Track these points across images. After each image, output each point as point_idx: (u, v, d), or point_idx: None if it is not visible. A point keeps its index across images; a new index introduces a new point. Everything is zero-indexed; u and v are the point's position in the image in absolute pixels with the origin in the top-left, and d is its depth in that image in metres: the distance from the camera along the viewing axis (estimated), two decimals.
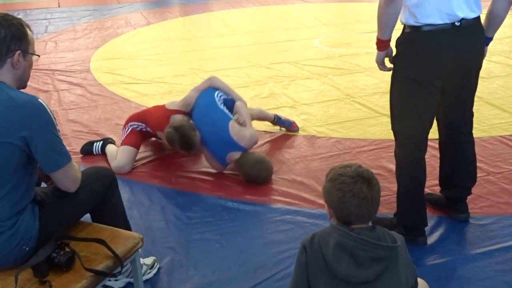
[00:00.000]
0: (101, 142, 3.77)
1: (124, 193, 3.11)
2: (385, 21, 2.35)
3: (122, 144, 3.58)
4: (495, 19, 2.46)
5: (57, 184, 1.97)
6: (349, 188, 1.64)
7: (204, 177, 3.42)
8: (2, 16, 1.88)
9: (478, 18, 2.39)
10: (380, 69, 2.63)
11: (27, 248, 1.85)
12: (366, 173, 1.68)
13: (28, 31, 1.94)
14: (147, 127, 3.62)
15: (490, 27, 2.48)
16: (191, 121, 3.46)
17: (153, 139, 3.83)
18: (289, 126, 4.08)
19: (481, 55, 2.50)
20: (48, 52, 6.61)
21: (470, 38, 2.38)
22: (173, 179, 3.40)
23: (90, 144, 3.79)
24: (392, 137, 2.66)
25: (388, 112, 2.64)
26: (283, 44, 6.74)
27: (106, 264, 1.91)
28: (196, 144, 3.34)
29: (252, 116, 3.75)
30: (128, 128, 3.64)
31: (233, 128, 3.36)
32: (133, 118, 3.70)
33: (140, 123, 3.63)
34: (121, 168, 3.44)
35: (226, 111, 3.51)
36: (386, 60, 2.58)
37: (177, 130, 3.31)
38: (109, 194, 2.23)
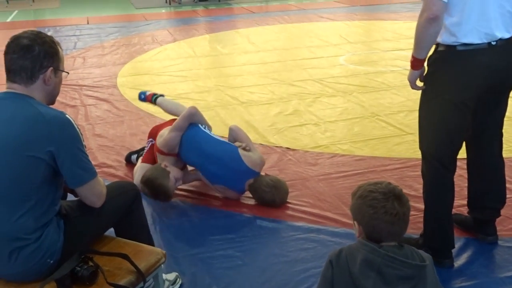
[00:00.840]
0: (138, 153, 3.82)
1: (147, 208, 3.13)
2: (424, 40, 2.31)
3: (141, 161, 3.60)
4: None
5: (82, 199, 1.99)
6: (381, 204, 1.64)
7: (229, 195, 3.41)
8: (36, 34, 1.92)
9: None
10: (412, 88, 2.55)
11: (51, 261, 1.87)
12: (397, 190, 1.68)
13: (59, 49, 1.98)
14: None
15: None
16: (164, 165, 3.25)
17: None
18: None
19: None
20: (76, 67, 6.73)
21: (505, 58, 2.35)
22: (195, 195, 3.41)
23: (130, 153, 3.88)
24: (418, 156, 2.64)
25: (414, 131, 2.61)
26: (307, 61, 6.75)
27: (129, 279, 1.91)
28: (170, 192, 3.16)
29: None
30: (148, 144, 3.65)
31: (244, 156, 3.27)
32: (149, 133, 3.72)
33: (153, 140, 3.62)
34: (138, 185, 3.42)
35: (223, 139, 3.43)
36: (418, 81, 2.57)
37: (145, 184, 3.15)
38: (133, 209, 2.24)
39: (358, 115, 4.74)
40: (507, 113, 2.62)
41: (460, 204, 2.96)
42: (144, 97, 4.09)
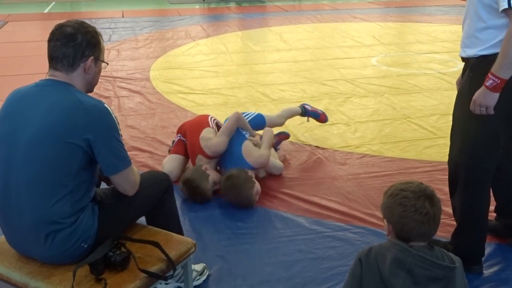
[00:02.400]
0: None
1: (177, 199, 3.18)
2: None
3: (170, 152, 3.66)
4: None
5: (116, 187, 2.03)
6: (411, 203, 1.63)
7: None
8: (79, 23, 1.97)
9: None
10: (476, 110, 2.27)
11: (85, 246, 1.91)
12: (429, 190, 1.67)
13: (101, 40, 2.03)
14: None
15: None
16: (205, 168, 3.32)
17: None
18: (316, 117, 4.14)
19: None
20: (110, 59, 6.84)
21: None
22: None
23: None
24: None
25: (446, 135, 2.56)
26: (340, 61, 6.72)
27: (160, 267, 1.95)
28: (207, 195, 3.22)
29: (283, 117, 3.86)
30: (177, 138, 3.70)
31: (246, 145, 3.38)
32: (178, 129, 3.76)
33: (183, 137, 3.66)
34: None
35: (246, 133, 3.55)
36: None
37: (185, 184, 3.23)
38: (164, 199, 2.28)
39: (389, 117, 4.71)
40: None
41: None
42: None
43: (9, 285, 1.95)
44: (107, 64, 2.13)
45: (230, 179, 3.17)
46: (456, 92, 2.55)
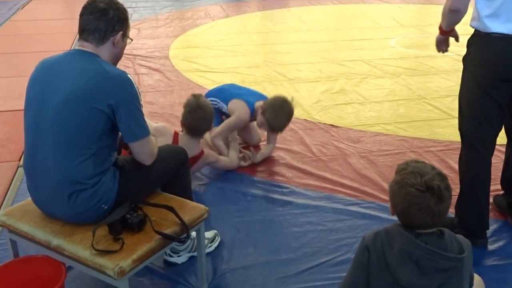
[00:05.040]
0: None
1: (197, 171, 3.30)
2: (446, 22, 2.59)
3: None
4: None
5: (135, 156, 2.14)
6: (415, 201, 1.58)
7: (268, 164, 3.53)
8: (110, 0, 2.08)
9: None
10: (437, 48, 2.87)
11: (105, 207, 2.03)
12: (437, 186, 1.58)
13: (128, 16, 2.14)
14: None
15: None
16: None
17: None
18: None
19: None
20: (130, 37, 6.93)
21: None
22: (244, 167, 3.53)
23: None
24: None
25: None
26: (358, 42, 6.73)
27: (174, 230, 2.06)
28: (202, 126, 3.16)
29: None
30: None
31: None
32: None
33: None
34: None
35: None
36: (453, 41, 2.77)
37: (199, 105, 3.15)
38: (181, 172, 2.39)
39: (405, 97, 4.74)
40: None
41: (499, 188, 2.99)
42: None
43: (33, 243, 2.08)
44: (132, 40, 2.23)
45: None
46: None
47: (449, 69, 5.54)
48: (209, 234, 2.61)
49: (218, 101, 3.61)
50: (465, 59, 2.57)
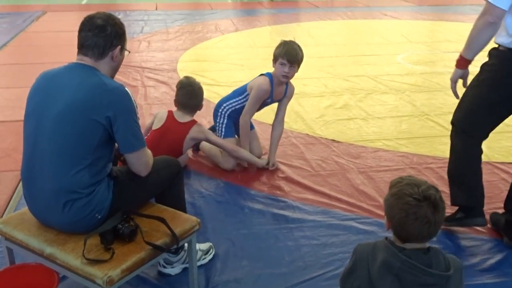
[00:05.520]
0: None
1: (193, 182, 3.36)
2: (478, 42, 2.56)
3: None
4: None
5: (130, 167, 2.19)
6: (413, 210, 1.60)
7: (267, 178, 3.57)
8: (107, 15, 2.17)
9: None
10: (452, 87, 2.84)
11: (99, 217, 2.08)
12: (434, 196, 1.62)
13: (125, 30, 2.22)
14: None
15: None
16: None
17: None
18: None
19: None
20: (141, 51, 7.06)
21: None
22: (238, 176, 3.58)
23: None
24: None
25: None
26: (365, 58, 6.77)
27: (164, 241, 2.10)
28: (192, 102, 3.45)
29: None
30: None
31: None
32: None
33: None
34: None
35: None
36: (460, 82, 2.82)
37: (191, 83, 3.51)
38: (175, 183, 2.44)
39: (408, 113, 4.77)
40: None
41: (499, 206, 3.00)
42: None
43: (27, 251, 2.13)
44: (129, 52, 2.31)
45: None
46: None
47: None
48: (204, 246, 2.65)
49: (234, 99, 3.71)
50: (484, 66, 2.69)
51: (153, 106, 4.94)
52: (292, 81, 4.23)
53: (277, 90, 3.61)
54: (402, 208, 1.62)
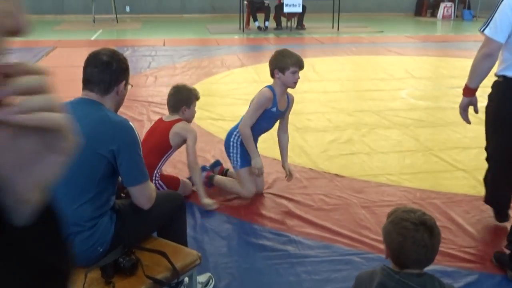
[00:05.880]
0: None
1: (194, 212, 3.37)
2: (478, 72, 2.85)
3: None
4: None
5: (133, 200, 2.22)
6: (410, 234, 1.67)
7: (270, 212, 3.57)
8: (112, 51, 2.24)
9: None
10: (461, 114, 3.12)
11: (101, 250, 2.10)
12: (429, 221, 1.70)
13: (128, 65, 2.29)
14: None
15: None
16: None
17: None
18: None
19: None
20: (147, 85, 7.16)
21: None
22: (241, 211, 3.59)
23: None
24: (466, 192, 3.38)
25: (465, 167, 3.55)
26: (369, 93, 6.84)
27: (165, 275, 2.11)
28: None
29: None
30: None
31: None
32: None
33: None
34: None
35: None
36: (471, 109, 3.07)
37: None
38: (177, 217, 2.46)
39: (411, 148, 4.79)
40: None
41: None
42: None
43: None
44: (132, 86, 2.37)
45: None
46: (481, 127, 3.17)
47: (458, 121, 5.51)
48: (203, 278, 2.65)
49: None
50: (491, 98, 2.97)
51: None
52: (295, 116, 4.32)
53: (281, 99, 3.67)
54: (399, 233, 1.70)
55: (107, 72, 2.20)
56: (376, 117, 5.75)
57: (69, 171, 1.99)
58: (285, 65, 3.56)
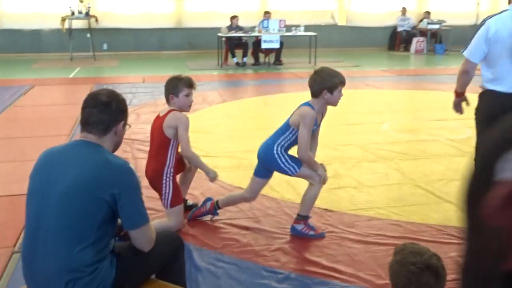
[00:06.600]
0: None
1: (191, 256, 3.31)
2: (460, 83, 3.79)
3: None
4: None
5: (133, 242, 2.18)
6: (415, 278, 1.68)
7: (263, 249, 3.54)
8: (111, 91, 2.23)
9: None
10: (454, 110, 4.00)
11: None
12: (435, 265, 1.71)
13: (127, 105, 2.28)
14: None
15: None
16: None
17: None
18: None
19: None
20: (130, 123, 7.12)
21: None
22: (235, 250, 3.54)
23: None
24: (455, 225, 3.49)
25: (452, 199, 3.58)
26: (351, 127, 6.92)
27: None
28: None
29: None
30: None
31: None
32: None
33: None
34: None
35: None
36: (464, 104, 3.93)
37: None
38: (177, 257, 2.42)
39: (398, 181, 4.83)
40: None
41: None
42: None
43: None
44: (130, 126, 2.35)
45: None
46: (464, 158, 3.43)
47: (440, 153, 5.67)
48: None
49: (281, 138, 3.78)
50: (477, 108, 3.70)
51: (145, 179, 4.91)
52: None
53: (319, 117, 3.73)
54: (406, 276, 1.69)
55: (106, 112, 2.18)
56: (361, 150, 5.80)
57: (71, 216, 1.96)
58: (334, 85, 3.59)
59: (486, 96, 3.62)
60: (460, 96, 3.86)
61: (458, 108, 3.95)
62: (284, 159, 3.67)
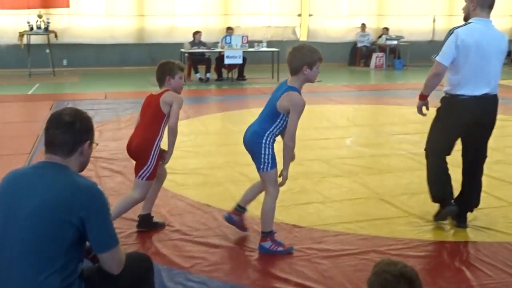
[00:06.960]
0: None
1: (163, 277, 3.26)
2: (429, 86, 4.03)
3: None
4: None
5: (102, 265, 2.13)
6: (391, 285, 1.74)
7: (231, 266, 3.51)
8: (75, 110, 2.17)
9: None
10: (418, 112, 4.25)
11: None
12: (410, 274, 1.78)
13: (93, 123, 2.22)
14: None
15: None
16: None
17: None
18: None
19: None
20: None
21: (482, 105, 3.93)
22: (204, 268, 3.51)
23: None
24: (421, 237, 3.80)
25: (418, 212, 3.90)
26: (316, 142, 6.98)
27: None
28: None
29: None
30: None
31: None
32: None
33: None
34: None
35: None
36: (424, 108, 4.20)
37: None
38: (146, 278, 2.38)
39: (363, 196, 4.89)
40: None
41: None
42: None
43: None
44: (97, 144, 2.30)
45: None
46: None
47: (404, 167, 5.78)
48: None
49: (273, 125, 3.78)
50: (439, 110, 4.07)
51: (110, 197, 4.79)
52: (247, 167, 4.34)
53: None
54: (381, 284, 1.75)
55: (70, 133, 2.12)
56: (326, 165, 5.86)
57: (36, 240, 1.90)
58: (314, 61, 3.55)
59: (450, 99, 3.97)
60: (424, 100, 4.15)
61: (420, 111, 4.21)
62: (268, 152, 3.71)
